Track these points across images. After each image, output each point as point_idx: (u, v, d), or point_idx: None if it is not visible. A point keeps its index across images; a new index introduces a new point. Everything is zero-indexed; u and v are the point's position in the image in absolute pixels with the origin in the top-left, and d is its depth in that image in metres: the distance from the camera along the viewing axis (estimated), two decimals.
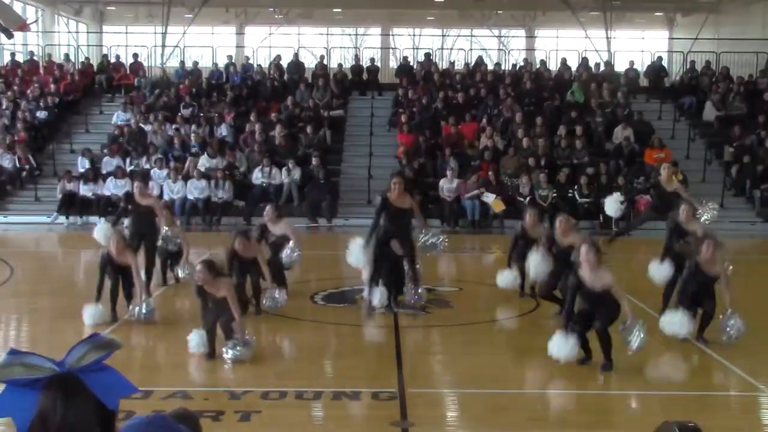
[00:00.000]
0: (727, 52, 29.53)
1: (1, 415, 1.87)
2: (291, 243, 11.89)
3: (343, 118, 25.65)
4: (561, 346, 8.71)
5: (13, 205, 22.23)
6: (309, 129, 23.56)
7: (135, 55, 29.31)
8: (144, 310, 10.69)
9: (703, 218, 12.03)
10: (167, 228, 12.69)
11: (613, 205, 14.68)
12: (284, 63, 28.26)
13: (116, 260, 10.62)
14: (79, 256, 18.13)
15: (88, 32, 38.23)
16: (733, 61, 29.09)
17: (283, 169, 21.84)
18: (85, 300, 10.71)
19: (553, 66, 29.51)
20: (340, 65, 29.02)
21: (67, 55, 29.57)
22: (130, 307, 10.79)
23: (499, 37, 42.47)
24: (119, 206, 14.65)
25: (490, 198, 21.05)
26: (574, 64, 28.49)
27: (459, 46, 39.98)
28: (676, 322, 9.88)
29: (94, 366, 1.89)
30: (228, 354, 9.03)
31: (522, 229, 12.37)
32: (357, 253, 11.30)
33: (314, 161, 22.14)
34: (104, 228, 13.02)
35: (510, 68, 29.88)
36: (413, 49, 36.86)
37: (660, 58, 29.74)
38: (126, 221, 13.12)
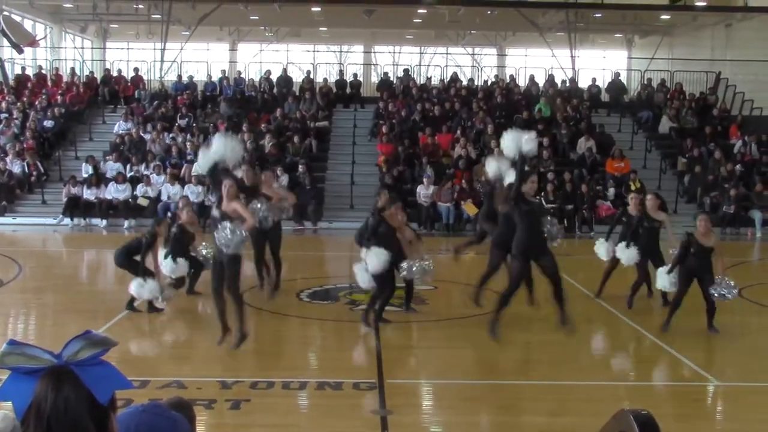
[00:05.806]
0: (680, 71, 29.77)
1: (2, 400, 1.86)
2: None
3: (327, 129, 25.59)
4: None
5: (22, 208, 22.05)
6: (296, 138, 23.52)
7: (136, 69, 29.19)
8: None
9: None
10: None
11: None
12: (274, 77, 28.21)
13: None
14: (82, 255, 18.03)
15: (92, 48, 38.08)
16: (686, 79, 29.36)
17: None
18: (86, 296, 10.60)
19: (522, 82, 29.58)
20: (325, 80, 29.00)
21: (73, 69, 29.38)
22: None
23: (473, 54, 42.54)
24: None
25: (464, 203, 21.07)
26: (541, 81, 28.59)
27: (435, 63, 40.01)
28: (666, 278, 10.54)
29: (91, 361, 1.87)
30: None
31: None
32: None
33: (301, 168, 22.11)
34: None
35: (482, 84, 29.88)
36: (393, 65, 36.87)
37: (619, 75, 29.87)
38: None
